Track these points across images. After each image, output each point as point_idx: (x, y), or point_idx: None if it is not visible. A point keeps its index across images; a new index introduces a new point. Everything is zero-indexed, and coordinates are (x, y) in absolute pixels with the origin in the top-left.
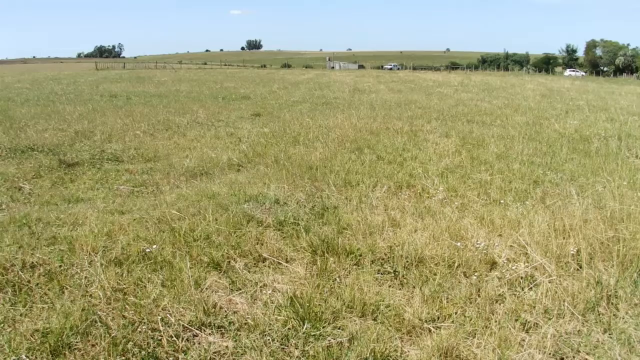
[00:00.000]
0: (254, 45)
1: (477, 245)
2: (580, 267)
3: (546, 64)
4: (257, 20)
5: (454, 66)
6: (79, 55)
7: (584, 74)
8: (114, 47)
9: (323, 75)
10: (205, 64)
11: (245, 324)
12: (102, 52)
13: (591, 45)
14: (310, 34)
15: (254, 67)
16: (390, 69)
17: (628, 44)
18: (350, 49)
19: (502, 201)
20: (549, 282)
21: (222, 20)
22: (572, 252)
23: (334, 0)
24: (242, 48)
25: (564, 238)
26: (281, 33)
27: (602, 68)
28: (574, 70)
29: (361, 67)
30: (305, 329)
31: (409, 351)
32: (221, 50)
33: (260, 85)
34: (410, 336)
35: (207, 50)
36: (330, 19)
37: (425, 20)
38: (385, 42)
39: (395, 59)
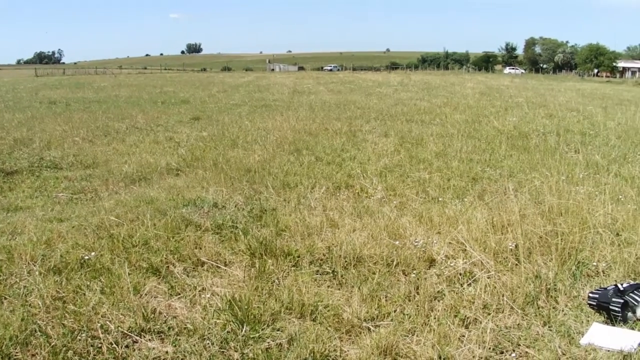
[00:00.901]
0: (194, 48)
1: (416, 243)
2: (519, 262)
3: (486, 63)
4: (197, 23)
5: (394, 66)
6: (18, 62)
7: (523, 71)
8: (53, 53)
9: (263, 77)
10: (146, 68)
11: (185, 328)
12: (42, 59)
13: (530, 43)
14: (251, 36)
15: (194, 71)
16: (331, 70)
17: (567, 41)
18: (290, 51)
19: (440, 199)
20: (488, 278)
21: (162, 24)
22: (510, 247)
23: (273, 2)
24: (182, 52)
25: (502, 234)
26: (221, 36)
27: (541, 65)
28: (513, 68)
29: (301, 68)
30: (245, 331)
31: (348, 350)
32: (161, 54)
33: (199, 89)
34: (350, 335)
35: (147, 55)
36: (270, 21)
37: (365, 21)
38: (325, 43)
39: (336, 60)
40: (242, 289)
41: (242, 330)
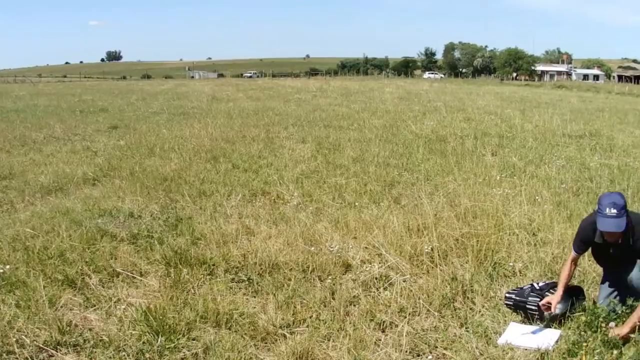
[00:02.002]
0: (113, 56)
1: (332, 249)
2: (435, 265)
3: (405, 68)
4: (117, 31)
5: (313, 72)
6: None
7: (442, 76)
8: None
9: (182, 85)
10: (65, 76)
11: (101, 340)
12: None
13: (450, 48)
14: (171, 43)
15: (113, 79)
16: (250, 76)
17: (486, 46)
18: (210, 58)
19: (357, 204)
20: (404, 281)
21: (81, 31)
22: (426, 250)
23: (193, 9)
24: (102, 60)
25: (418, 237)
26: (141, 44)
27: (461, 70)
28: (433, 73)
29: (221, 75)
30: (160, 342)
31: (264, 358)
32: (81, 62)
33: (118, 97)
34: (265, 343)
35: (66, 63)
36: (190, 28)
37: (285, 27)
38: (245, 50)
39: (256, 66)
40: (158, 299)
41: (157, 341)
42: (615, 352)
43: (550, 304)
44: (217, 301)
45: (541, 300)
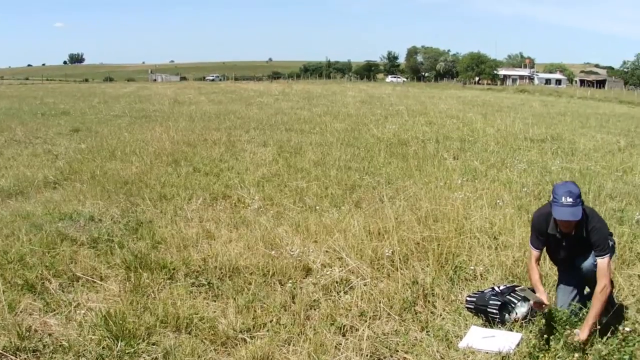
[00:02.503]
0: (76, 59)
1: (292, 253)
2: (396, 268)
3: (368, 71)
4: (81, 33)
5: (276, 75)
6: None
7: (405, 79)
8: None
9: (145, 88)
10: (27, 79)
11: (60, 346)
12: None
13: (412, 52)
14: (133, 46)
15: (76, 82)
16: (213, 80)
17: (449, 50)
18: (173, 61)
19: (318, 207)
20: (364, 285)
21: (45, 33)
22: (387, 254)
23: (156, 12)
24: (65, 62)
25: (379, 241)
26: (104, 46)
27: (423, 74)
28: (395, 77)
29: (183, 78)
30: (120, 347)
31: None
32: (43, 64)
33: (80, 100)
34: (225, 347)
35: (29, 65)
36: (152, 31)
37: (248, 30)
38: (208, 53)
39: (218, 69)
40: (118, 304)
41: (117, 346)
42: (576, 355)
43: (543, 303)
44: (177, 305)
45: (502, 303)
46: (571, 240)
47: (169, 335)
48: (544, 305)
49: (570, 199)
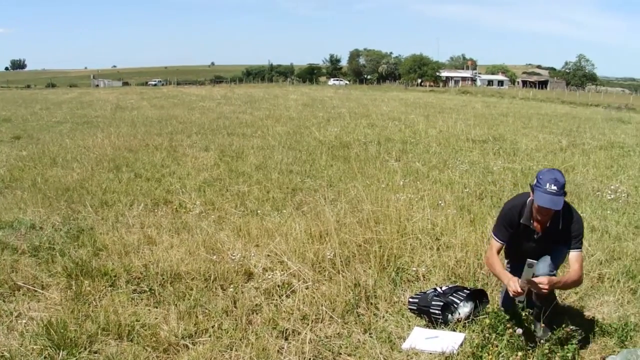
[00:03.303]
0: (18, 65)
1: (234, 257)
2: (338, 271)
3: (310, 74)
4: (22, 38)
5: (218, 80)
6: None
7: (347, 82)
8: None
9: (87, 93)
10: None
11: (2, 356)
12: None
13: (354, 55)
14: (76, 51)
15: (17, 88)
16: (155, 84)
17: (391, 52)
18: (115, 66)
19: (259, 211)
20: (306, 288)
21: None
22: (329, 256)
23: (98, 17)
24: (7, 68)
25: (320, 244)
26: (46, 52)
27: (366, 76)
28: (338, 80)
29: (126, 84)
30: (62, 356)
31: None
32: None
33: (22, 107)
34: (168, 354)
35: None
36: (95, 36)
37: (190, 34)
38: (150, 58)
39: (161, 74)
40: (59, 312)
41: (59, 355)
42: (520, 353)
43: (520, 289)
44: (119, 313)
45: (444, 304)
46: (544, 234)
47: (111, 343)
48: (519, 293)
49: (555, 187)
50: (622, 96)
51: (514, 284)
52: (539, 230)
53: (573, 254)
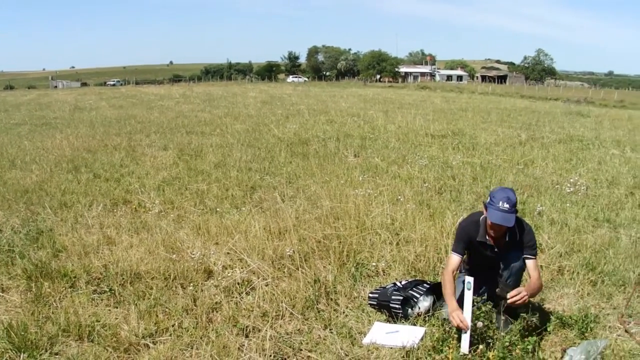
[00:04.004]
0: None
1: (193, 256)
2: (297, 267)
3: (269, 72)
4: None
5: (177, 79)
6: None
7: (306, 79)
8: None
9: (45, 95)
10: None
11: None
12: None
13: (313, 52)
14: (33, 53)
15: None
16: (114, 85)
17: (350, 49)
18: (74, 67)
19: (218, 209)
20: (266, 285)
21: None
22: (288, 253)
23: (56, 18)
24: None
25: (280, 240)
26: (3, 53)
27: (324, 73)
28: (296, 77)
29: (84, 84)
30: (22, 358)
31: None
32: None
33: None
34: (129, 354)
35: None
36: (53, 37)
37: (148, 34)
38: (109, 58)
39: (119, 74)
40: (19, 315)
41: (20, 358)
42: (480, 346)
43: (463, 323)
44: (79, 314)
45: (404, 298)
46: (502, 248)
47: (72, 344)
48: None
49: (507, 205)
50: (581, 90)
51: (457, 318)
52: (494, 244)
53: (530, 263)
